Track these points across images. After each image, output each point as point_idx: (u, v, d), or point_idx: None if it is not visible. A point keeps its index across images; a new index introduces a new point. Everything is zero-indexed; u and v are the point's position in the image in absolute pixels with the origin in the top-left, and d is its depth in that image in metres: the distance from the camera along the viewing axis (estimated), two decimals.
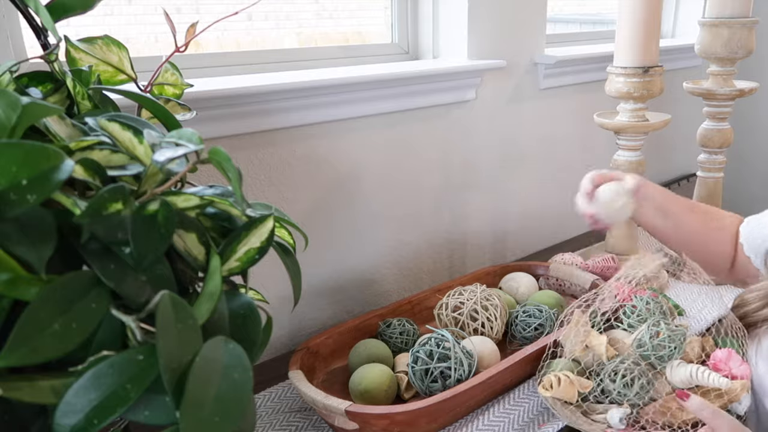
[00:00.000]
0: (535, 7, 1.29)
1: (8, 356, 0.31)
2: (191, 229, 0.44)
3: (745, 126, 2.02)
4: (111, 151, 0.43)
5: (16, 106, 0.35)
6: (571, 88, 1.43)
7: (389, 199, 1.14)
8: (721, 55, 1.15)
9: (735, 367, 0.80)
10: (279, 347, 1.04)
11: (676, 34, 1.87)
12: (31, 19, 0.55)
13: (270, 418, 0.84)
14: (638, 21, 1.07)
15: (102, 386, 0.34)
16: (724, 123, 1.22)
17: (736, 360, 0.81)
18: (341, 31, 1.20)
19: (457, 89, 1.18)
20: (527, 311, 0.97)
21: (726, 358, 0.81)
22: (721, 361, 0.81)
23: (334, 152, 1.04)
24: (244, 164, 0.95)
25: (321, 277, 1.08)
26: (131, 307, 0.37)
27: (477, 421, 0.82)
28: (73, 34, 0.59)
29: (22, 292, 0.33)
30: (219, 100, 0.86)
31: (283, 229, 0.57)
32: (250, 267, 0.46)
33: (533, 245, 1.47)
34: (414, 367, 0.83)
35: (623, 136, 1.15)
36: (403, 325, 0.95)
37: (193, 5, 1.01)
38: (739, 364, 0.81)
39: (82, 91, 0.54)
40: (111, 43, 0.60)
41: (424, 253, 1.23)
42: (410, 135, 1.14)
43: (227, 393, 0.36)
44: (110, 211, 0.37)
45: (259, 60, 1.04)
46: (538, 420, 0.82)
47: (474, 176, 1.28)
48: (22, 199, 0.32)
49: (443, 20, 1.21)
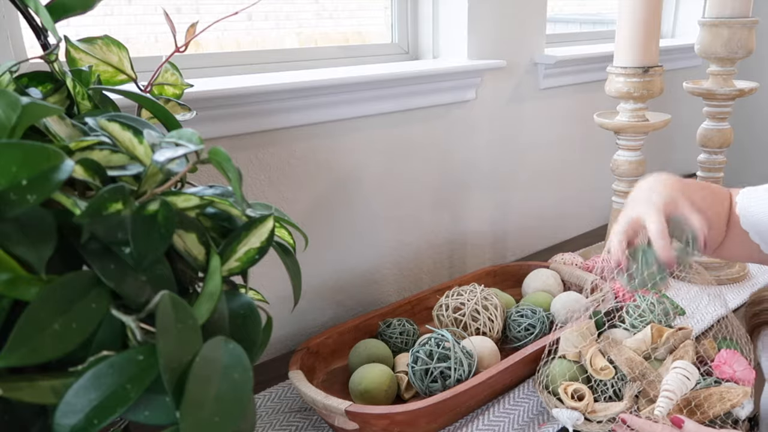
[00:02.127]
0: (535, 7, 1.29)
1: (8, 356, 0.31)
2: (191, 229, 0.44)
3: (745, 126, 2.02)
4: (111, 151, 0.43)
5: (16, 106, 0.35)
6: (571, 88, 1.43)
7: (389, 199, 1.14)
8: (721, 55, 1.15)
9: (739, 370, 0.80)
10: (279, 347, 1.04)
11: (676, 34, 1.87)
12: (31, 19, 0.55)
13: (270, 418, 0.84)
14: (638, 21, 1.07)
15: (102, 386, 0.34)
16: (724, 123, 1.22)
17: (742, 363, 0.80)
18: (341, 31, 1.20)
19: (457, 89, 1.18)
20: (520, 311, 0.97)
21: (731, 359, 0.81)
22: (726, 362, 0.81)
23: (335, 152, 1.04)
24: (244, 164, 0.95)
25: (321, 277, 1.08)
26: (131, 307, 0.37)
27: (477, 421, 0.82)
28: (73, 34, 0.59)
29: (22, 292, 0.33)
30: (219, 100, 0.86)
31: (283, 229, 0.57)
32: (250, 267, 0.46)
33: (533, 245, 1.47)
34: (414, 367, 0.83)
35: (623, 136, 1.15)
36: (403, 325, 0.95)
37: (193, 5, 1.01)
38: (743, 367, 0.80)
39: (82, 91, 0.54)
40: (111, 43, 0.60)
41: (424, 253, 1.23)
42: (410, 135, 1.14)
43: (227, 393, 0.36)
44: (110, 211, 0.37)
45: (259, 60, 1.04)
46: (538, 420, 0.82)
47: (474, 176, 1.28)
48: (22, 199, 0.32)
49: (443, 20, 1.21)
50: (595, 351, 0.82)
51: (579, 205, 1.57)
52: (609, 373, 0.80)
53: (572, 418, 0.75)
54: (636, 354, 0.81)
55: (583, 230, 1.58)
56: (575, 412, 0.76)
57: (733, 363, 0.80)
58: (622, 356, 0.81)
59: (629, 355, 0.80)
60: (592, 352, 0.82)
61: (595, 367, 0.81)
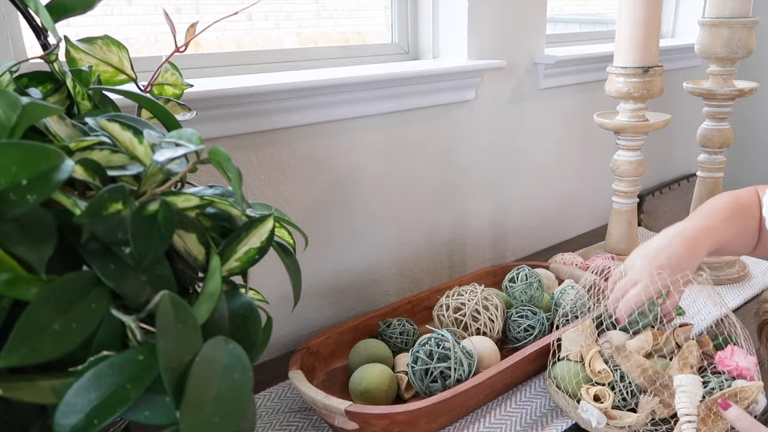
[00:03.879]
0: (535, 7, 1.29)
1: (8, 356, 0.31)
2: (191, 229, 0.44)
3: (745, 126, 2.02)
4: (111, 151, 0.43)
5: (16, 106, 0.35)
6: (571, 88, 1.43)
7: (389, 199, 1.14)
8: (721, 55, 1.15)
9: (741, 360, 0.80)
10: (279, 347, 1.04)
11: (676, 34, 1.87)
12: (31, 19, 0.55)
13: (270, 418, 0.84)
14: (638, 21, 1.07)
15: (102, 386, 0.34)
16: (724, 123, 1.22)
17: (740, 353, 0.81)
18: (341, 31, 1.20)
19: (457, 89, 1.18)
20: (520, 312, 0.97)
21: (730, 354, 0.81)
22: (726, 358, 0.81)
23: (334, 152, 1.04)
24: (244, 164, 0.95)
25: (321, 277, 1.08)
26: (131, 307, 0.37)
27: (479, 423, 0.82)
28: (73, 34, 0.59)
29: (22, 292, 0.33)
30: (219, 100, 0.86)
31: (283, 229, 0.57)
32: (250, 267, 0.46)
33: (533, 245, 1.47)
34: (414, 367, 0.83)
35: (623, 136, 1.15)
36: (403, 325, 0.95)
37: (193, 5, 1.01)
38: (744, 356, 0.80)
39: (82, 91, 0.54)
40: (111, 43, 0.60)
41: (424, 253, 1.23)
42: (410, 135, 1.14)
43: (227, 393, 0.36)
44: (110, 211, 0.37)
45: (259, 60, 1.04)
46: (542, 421, 0.82)
47: (474, 176, 1.28)
48: (22, 199, 0.32)
49: (443, 20, 1.21)
50: (595, 354, 0.82)
51: (579, 205, 1.57)
52: (608, 377, 0.80)
53: (599, 418, 0.75)
54: (644, 359, 0.80)
55: (583, 230, 1.58)
56: (602, 414, 0.75)
57: (733, 357, 0.81)
58: (630, 362, 0.80)
59: (638, 361, 0.80)
60: (592, 355, 0.82)
61: (593, 369, 0.80)
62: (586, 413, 0.76)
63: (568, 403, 0.80)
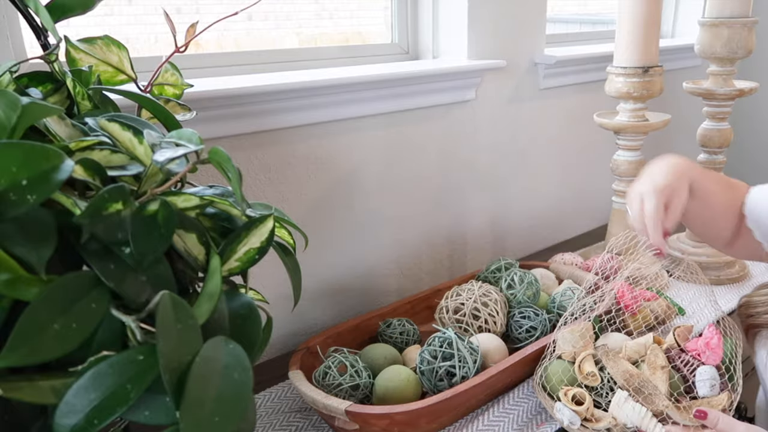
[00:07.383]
0: (535, 7, 1.29)
1: (8, 356, 0.31)
2: (191, 229, 0.44)
3: (745, 126, 2.02)
4: (111, 151, 0.43)
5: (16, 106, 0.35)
6: (571, 88, 1.43)
7: (389, 199, 1.14)
8: (721, 55, 1.15)
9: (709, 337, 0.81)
10: (279, 347, 1.04)
11: (676, 34, 1.87)
12: (31, 19, 0.55)
13: (270, 418, 0.84)
14: (638, 21, 1.07)
15: (102, 386, 0.34)
16: (724, 123, 1.22)
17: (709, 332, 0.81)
18: (341, 31, 1.20)
19: (457, 89, 1.18)
20: (523, 313, 0.97)
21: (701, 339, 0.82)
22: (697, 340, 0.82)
23: (334, 152, 1.04)
24: (244, 164, 0.95)
25: (321, 277, 1.08)
26: (131, 307, 0.37)
27: (477, 421, 0.82)
28: (73, 34, 0.59)
29: (22, 292, 0.33)
30: (219, 100, 0.86)
31: (283, 229, 0.57)
32: (250, 267, 0.46)
33: (533, 245, 1.47)
34: (421, 367, 0.83)
35: (623, 136, 1.15)
36: (403, 325, 0.95)
37: (193, 5, 1.01)
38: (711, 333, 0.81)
39: (82, 91, 0.54)
40: (111, 44, 0.60)
41: (424, 253, 1.23)
42: (410, 135, 1.14)
43: (227, 393, 0.36)
44: (110, 211, 0.37)
45: (259, 60, 1.04)
46: (537, 420, 0.82)
47: (474, 176, 1.28)
48: (22, 199, 0.32)
49: (443, 20, 1.21)
50: (587, 356, 0.82)
51: (579, 205, 1.57)
52: (595, 380, 0.79)
53: (571, 419, 0.75)
54: (633, 366, 0.80)
55: (583, 230, 1.58)
56: (575, 415, 0.76)
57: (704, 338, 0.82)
58: (618, 368, 0.80)
59: (626, 367, 0.79)
60: (583, 357, 0.81)
61: (582, 372, 0.80)
62: (559, 413, 0.77)
63: (548, 403, 0.80)
